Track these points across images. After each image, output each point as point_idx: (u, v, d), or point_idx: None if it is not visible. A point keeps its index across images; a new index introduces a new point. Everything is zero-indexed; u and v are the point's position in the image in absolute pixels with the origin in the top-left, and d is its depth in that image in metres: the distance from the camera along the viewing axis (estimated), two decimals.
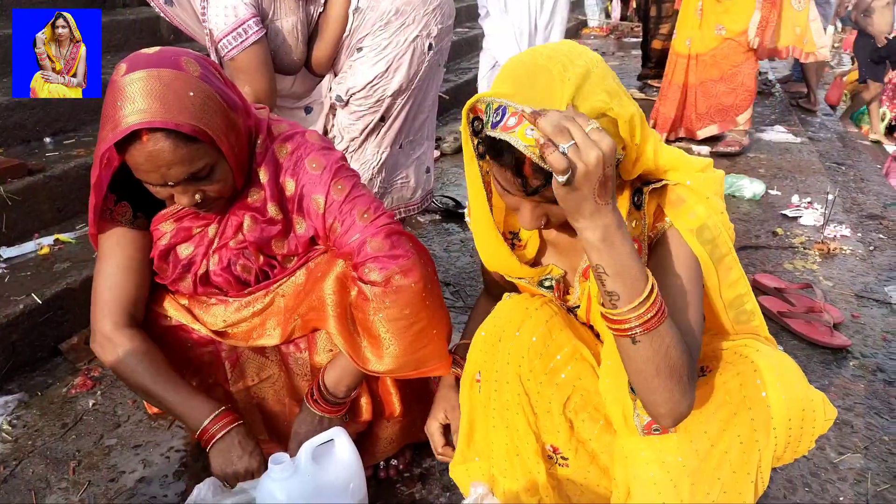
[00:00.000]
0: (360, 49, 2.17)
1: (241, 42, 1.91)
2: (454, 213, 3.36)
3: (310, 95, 2.46)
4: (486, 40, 3.56)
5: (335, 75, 2.29)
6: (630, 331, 0.97)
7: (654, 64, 6.31)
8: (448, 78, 5.83)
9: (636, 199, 1.13)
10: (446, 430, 1.45)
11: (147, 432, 1.81)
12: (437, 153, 4.30)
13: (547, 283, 1.27)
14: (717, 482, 1.09)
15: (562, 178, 0.87)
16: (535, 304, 1.24)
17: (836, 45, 9.62)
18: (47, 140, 3.01)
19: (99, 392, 1.99)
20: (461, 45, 6.30)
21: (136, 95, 1.13)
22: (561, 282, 1.27)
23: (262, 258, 1.42)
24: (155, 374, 1.38)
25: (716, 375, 1.13)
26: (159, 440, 1.79)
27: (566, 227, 1.24)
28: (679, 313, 1.06)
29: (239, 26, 1.90)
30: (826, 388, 2.02)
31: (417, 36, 2.18)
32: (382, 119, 2.25)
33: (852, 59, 8.29)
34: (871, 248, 3.15)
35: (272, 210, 1.37)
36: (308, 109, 2.49)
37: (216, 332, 1.48)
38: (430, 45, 2.21)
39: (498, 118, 0.96)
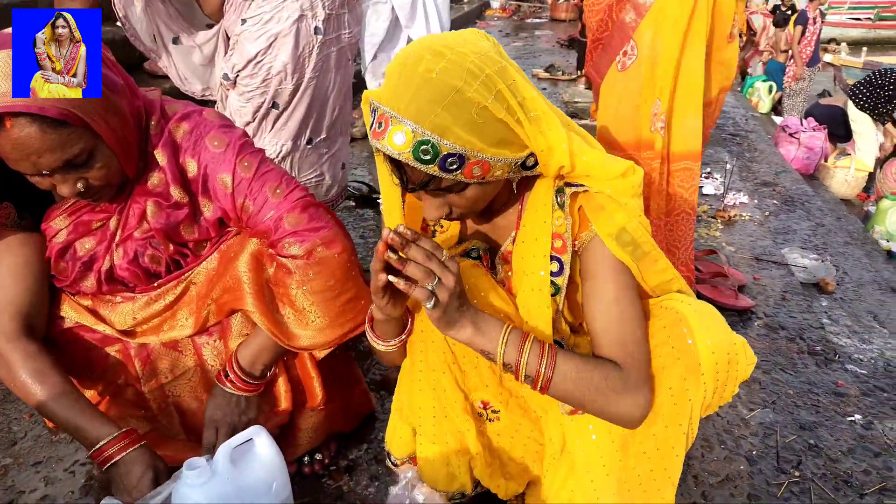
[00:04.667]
0: (243, 21, 2.09)
1: None
2: (368, 199, 3.30)
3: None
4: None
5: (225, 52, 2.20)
6: (538, 380, 1.07)
7: None
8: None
9: (559, 198, 1.14)
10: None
11: (48, 447, 1.69)
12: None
13: (474, 255, 1.26)
14: (650, 438, 1.12)
15: (430, 305, 1.00)
16: (465, 265, 1.23)
17: None
18: None
19: None
20: None
21: None
22: (486, 253, 1.26)
23: (171, 246, 1.34)
24: (50, 390, 1.27)
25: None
26: (62, 455, 1.66)
27: (479, 217, 1.23)
28: (616, 315, 1.11)
29: None
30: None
31: (302, 15, 2.11)
32: (275, 105, 2.17)
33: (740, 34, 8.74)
34: (767, 213, 3.32)
35: (176, 193, 1.29)
36: None
37: (123, 332, 1.38)
38: (317, 27, 2.14)
39: (372, 121, 1.00)
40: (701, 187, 3.55)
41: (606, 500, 1.17)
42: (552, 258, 1.14)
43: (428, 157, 0.96)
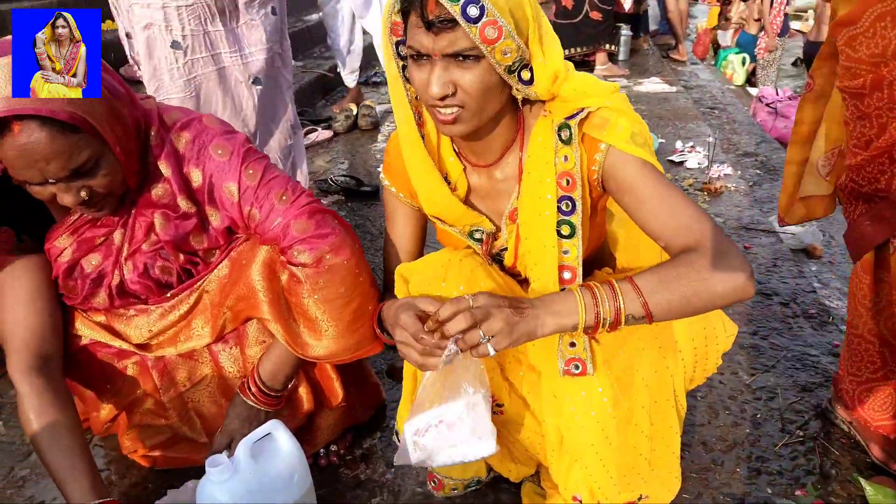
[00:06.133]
0: None
1: None
2: (356, 192, 3.31)
3: None
4: None
5: None
6: (617, 325, 1.04)
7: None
8: (330, 55, 5.70)
9: (562, 133, 1.13)
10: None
11: None
12: (329, 133, 4.21)
13: (477, 235, 1.27)
14: (642, 412, 1.14)
15: (497, 349, 1.01)
16: (458, 257, 1.24)
17: None
18: None
19: (0, 422, 1.83)
20: None
21: (2, 82, 1.01)
22: (491, 235, 1.28)
23: (181, 256, 1.33)
24: (48, 437, 1.23)
25: None
26: None
27: (484, 173, 1.24)
28: (667, 208, 1.09)
29: None
30: (731, 316, 2.13)
31: (150, 24, 2.05)
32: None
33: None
34: (751, 183, 3.37)
35: (184, 204, 1.28)
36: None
37: (139, 346, 1.38)
38: (175, 42, 2.09)
39: None
40: (685, 161, 3.59)
41: (613, 483, 1.18)
42: (562, 198, 1.14)
43: None
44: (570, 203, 1.14)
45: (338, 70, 4.47)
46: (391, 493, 1.53)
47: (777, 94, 5.63)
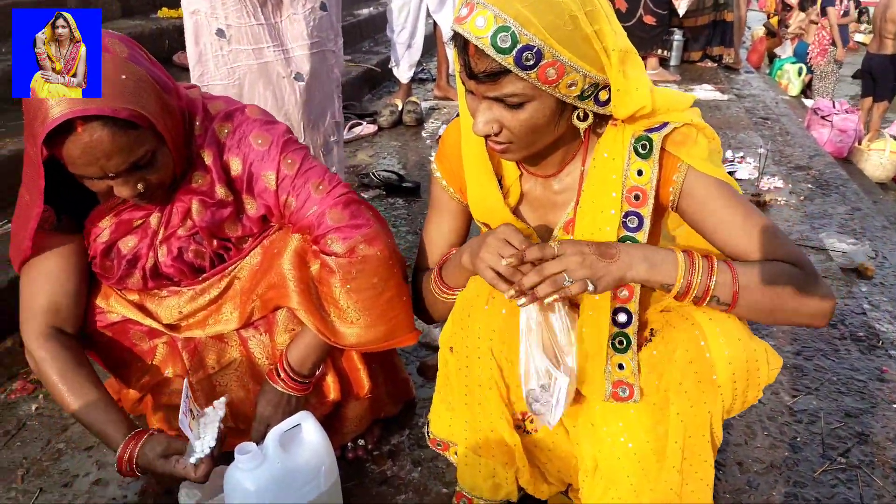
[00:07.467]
0: None
1: None
2: (398, 188, 3.31)
3: None
4: None
5: None
6: (706, 299, 1.04)
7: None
8: (379, 50, 5.73)
9: (641, 146, 1.10)
10: None
11: None
12: (374, 128, 4.23)
13: None
14: (675, 447, 1.11)
15: (591, 286, 1.03)
16: None
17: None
18: None
19: (41, 395, 1.87)
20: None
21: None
22: None
23: (215, 242, 1.36)
24: (71, 393, 1.29)
25: (663, 342, 1.13)
26: None
27: (540, 183, 1.22)
28: (756, 229, 1.08)
29: None
30: (775, 335, 2.09)
31: (196, 10, 2.09)
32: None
33: (768, 15, 8.57)
34: (802, 197, 3.27)
35: (221, 192, 1.30)
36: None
37: (169, 326, 1.41)
38: (220, 30, 2.12)
39: (460, 7, 1.00)
40: (734, 172, 3.51)
41: None
42: (628, 213, 1.11)
43: (506, 46, 0.95)
44: (636, 219, 1.11)
45: (389, 65, 4.48)
46: (416, 492, 1.52)
47: (834, 106, 5.47)
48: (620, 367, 1.13)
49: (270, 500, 1.25)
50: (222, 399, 1.29)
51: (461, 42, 1.00)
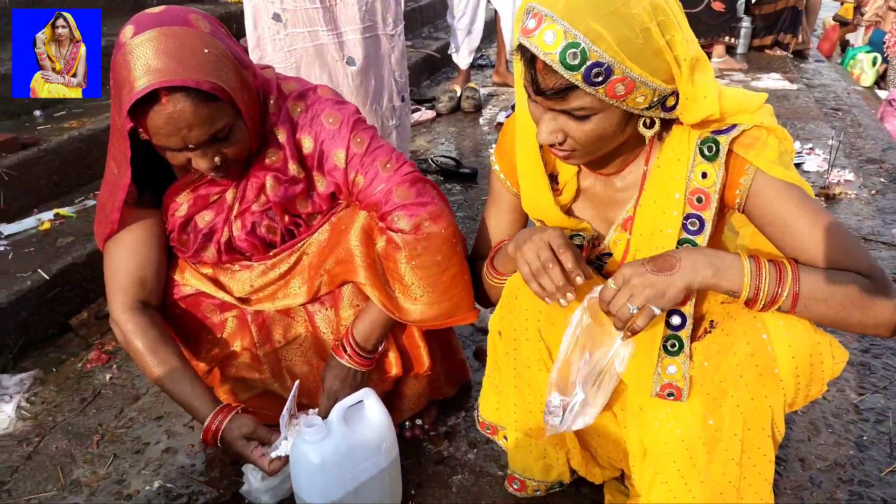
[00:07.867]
0: None
1: None
2: (455, 173, 3.32)
3: None
4: None
5: None
6: (773, 305, 1.02)
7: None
8: (438, 36, 5.74)
9: (706, 148, 1.08)
10: None
11: (168, 403, 1.80)
12: (432, 113, 4.25)
13: (577, 241, 1.25)
14: (734, 438, 1.09)
15: (657, 311, 1.03)
16: None
17: None
18: (37, 113, 2.94)
19: (115, 366, 1.97)
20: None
21: (150, 55, 1.09)
22: (590, 243, 1.25)
23: (287, 217, 1.40)
24: (161, 365, 1.37)
25: (722, 334, 1.11)
26: (181, 411, 1.76)
27: (601, 180, 1.21)
28: (825, 234, 1.05)
29: None
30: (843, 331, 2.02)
31: None
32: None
33: (842, 2, 8.22)
34: (874, 191, 3.15)
35: (294, 169, 1.34)
36: None
37: (240, 299, 1.46)
38: (276, 14, 2.17)
39: (526, 20, 0.98)
40: (802, 164, 3.40)
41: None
42: (689, 216, 1.10)
43: (574, 63, 0.93)
44: (697, 222, 1.10)
45: (449, 51, 4.49)
46: (472, 472, 1.54)
47: None
48: (671, 369, 1.12)
49: (334, 473, 1.29)
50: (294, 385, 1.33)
51: (528, 56, 0.99)
